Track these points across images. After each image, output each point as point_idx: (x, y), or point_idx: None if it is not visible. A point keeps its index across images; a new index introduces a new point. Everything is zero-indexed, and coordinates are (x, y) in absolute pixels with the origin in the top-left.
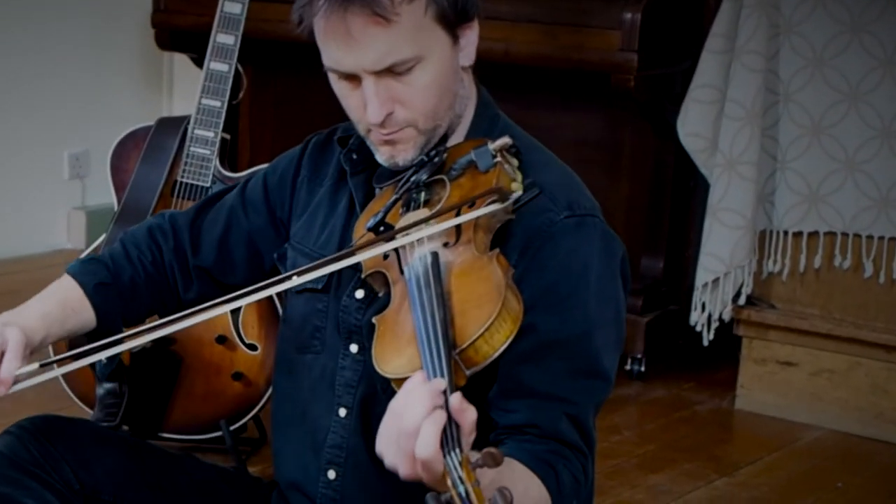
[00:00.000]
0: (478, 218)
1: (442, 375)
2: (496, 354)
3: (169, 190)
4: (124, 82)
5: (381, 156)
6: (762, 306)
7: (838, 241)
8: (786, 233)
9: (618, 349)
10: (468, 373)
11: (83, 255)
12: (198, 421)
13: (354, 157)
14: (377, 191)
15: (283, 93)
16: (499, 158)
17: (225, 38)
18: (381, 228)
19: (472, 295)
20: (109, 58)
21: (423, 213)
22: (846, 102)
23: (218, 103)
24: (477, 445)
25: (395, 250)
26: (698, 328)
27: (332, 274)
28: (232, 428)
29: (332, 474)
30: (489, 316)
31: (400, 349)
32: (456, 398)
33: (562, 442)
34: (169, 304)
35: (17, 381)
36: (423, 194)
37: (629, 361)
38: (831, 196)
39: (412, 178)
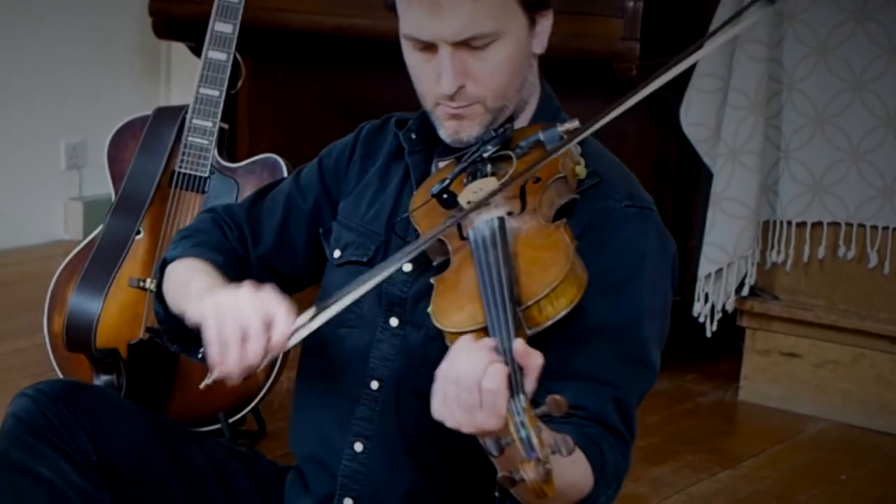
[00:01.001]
0: (548, 178)
1: (506, 328)
2: (559, 316)
3: (167, 180)
4: (121, 71)
5: (446, 131)
6: (765, 297)
7: (842, 231)
8: (789, 223)
9: (662, 343)
10: (529, 333)
11: (79, 246)
12: (196, 413)
13: (413, 136)
14: (434, 168)
15: (282, 82)
16: (566, 140)
17: (223, 27)
18: (445, 196)
19: (538, 258)
20: (106, 47)
21: (491, 180)
22: (850, 91)
23: (216, 92)
24: None
25: (458, 222)
26: (701, 319)
27: (378, 246)
28: (231, 420)
29: (359, 447)
30: (556, 277)
31: (462, 305)
32: (519, 342)
33: (606, 426)
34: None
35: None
36: (488, 167)
37: None
38: (835, 186)
39: (478, 150)
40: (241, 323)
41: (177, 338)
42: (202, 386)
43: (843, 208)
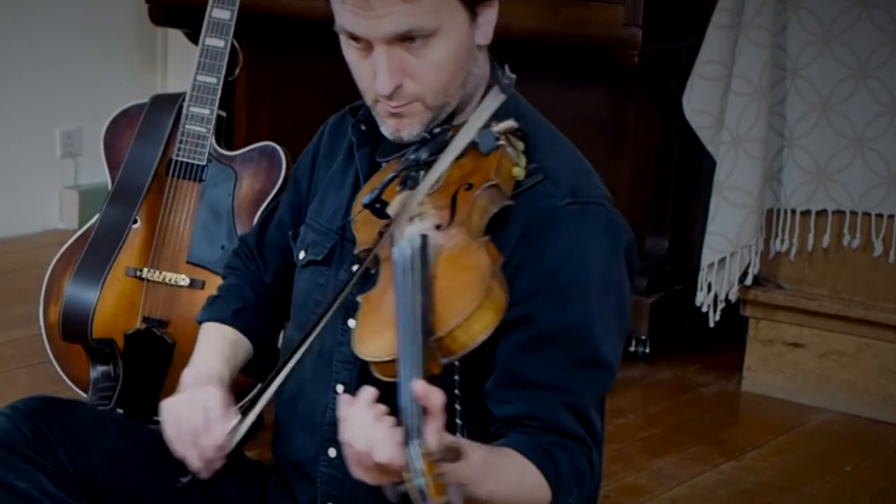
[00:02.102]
0: (479, 187)
1: (414, 366)
2: (475, 344)
3: (164, 168)
4: (117, 58)
5: (387, 128)
6: (769, 286)
7: (847, 219)
8: (793, 211)
9: (621, 338)
10: (444, 362)
11: (76, 235)
12: None
13: (363, 128)
14: (383, 165)
15: (280, 69)
16: (502, 141)
17: (221, 13)
18: (378, 206)
19: (455, 282)
20: (102, 33)
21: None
22: (855, 78)
23: (214, 80)
24: (478, 438)
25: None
26: (704, 309)
27: (334, 245)
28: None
29: (332, 452)
30: (470, 304)
31: (380, 331)
32: (419, 385)
33: (562, 433)
34: (283, 309)
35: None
36: (421, 173)
37: (633, 343)
38: (840, 174)
39: (412, 157)
40: (188, 425)
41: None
42: (179, 484)
43: (847, 196)
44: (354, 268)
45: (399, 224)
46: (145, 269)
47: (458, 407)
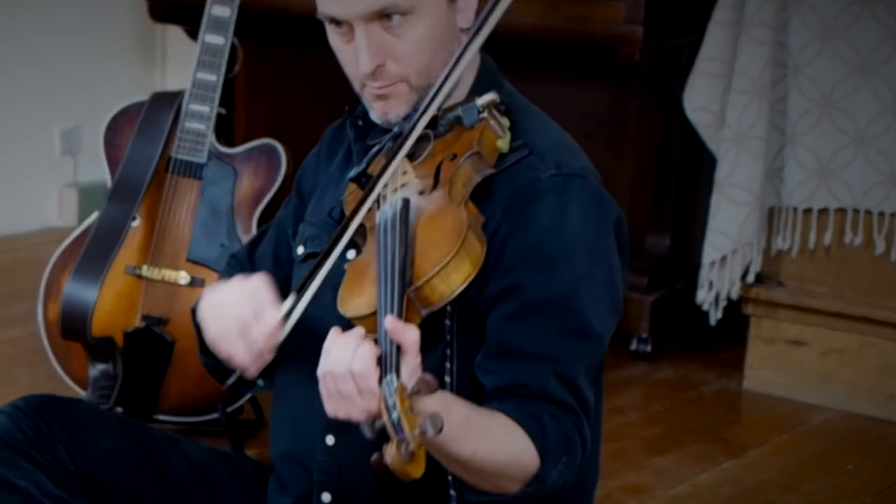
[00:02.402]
0: (462, 155)
1: (392, 310)
2: (453, 294)
3: (163, 166)
4: (117, 56)
5: (375, 112)
6: (771, 284)
7: (849, 217)
8: (795, 209)
9: (612, 312)
10: (424, 312)
11: (75, 233)
12: (194, 402)
13: (360, 123)
14: (375, 148)
15: (280, 66)
16: (485, 115)
17: (220, 10)
18: (363, 179)
19: (434, 236)
20: (101, 30)
21: (404, 164)
22: (857, 76)
23: (213, 77)
24: None
25: (377, 203)
26: (705, 307)
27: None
28: (228, 410)
29: (330, 440)
30: (446, 254)
31: (362, 289)
32: (389, 320)
33: (551, 401)
34: None
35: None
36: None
37: (634, 341)
38: (842, 171)
39: (396, 130)
40: (236, 314)
41: (225, 377)
42: (225, 386)
43: (849, 194)
44: (350, 254)
45: (384, 192)
46: (145, 267)
47: (447, 379)
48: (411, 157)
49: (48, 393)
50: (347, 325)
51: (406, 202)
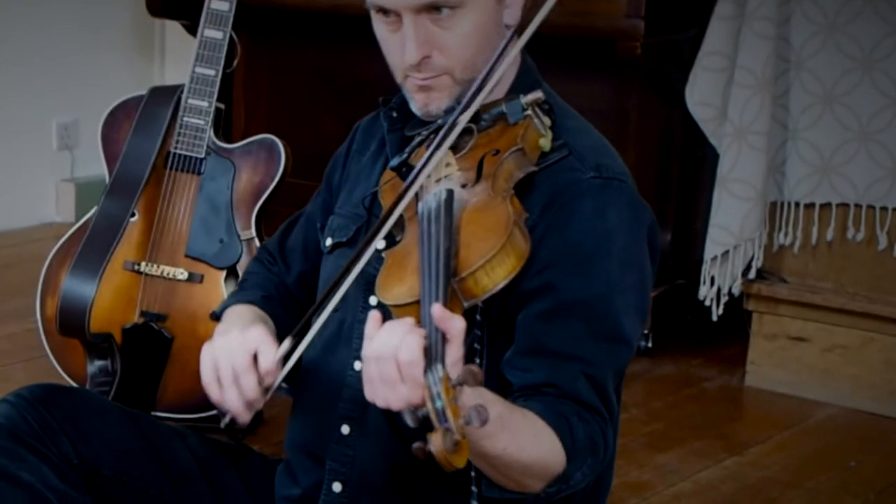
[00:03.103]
0: (506, 151)
1: (437, 299)
2: (496, 288)
3: (162, 161)
4: (115, 50)
5: (416, 103)
6: (773, 280)
7: (851, 212)
8: (797, 204)
9: (640, 317)
10: (466, 304)
11: (73, 228)
12: (192, 399)
13: (394, 114)
14: (414, 140)
15: (279, 61)
16: (529, 112)
17: (219, 4)
18: (404, 169)
19: (479, 229)
20: (99, 24)
21: (448, 154)
22: (859, 70)
23: (212, 72)
24: None
25: (416, 194)
26: (707, 303)
27: (360, 227)
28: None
29: (345, 429)
30: (493, 247)
31: (403, 278)
32: (437, 308)
33: (580, 402)
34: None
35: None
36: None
37: None
38: (844, 166)
39: (439, 123)
40: (230, 361)
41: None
42: (222, 425)
43: (852, 189)
44: (380, 244)
45: (420, 183)
46: (143, 263)
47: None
48: (454, 149)
49: (53, 382)
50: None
51: (450, 193)
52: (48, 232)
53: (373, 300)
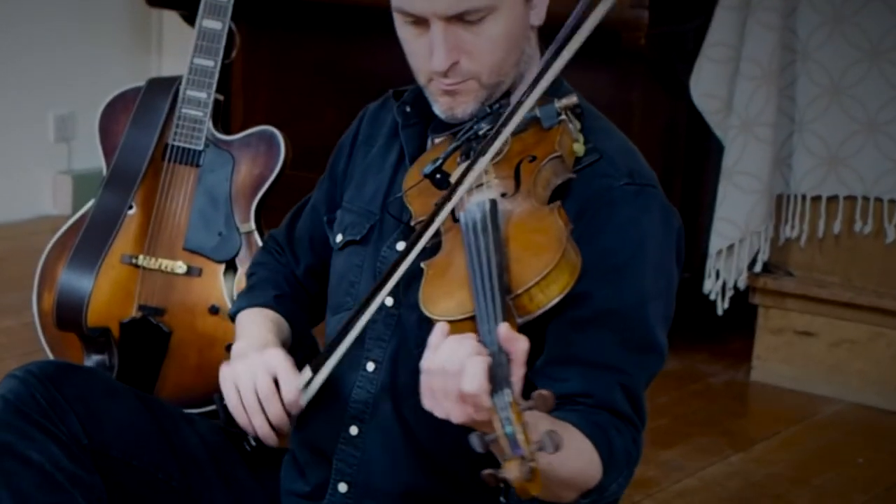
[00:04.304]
0: (544, 158)
1: (494, 318)
2: (550, 304)
3: (160, 153)
4: (111, 40)
5: (440, 107)
6: (779, 274)
7: (859, 205)
8: (804, 197)
9: (668, 324)
10: (520, 321)
11: (70, 221)
12: (190, 394)
13: (408, 109)
14: (429, 143)
15: (279, 51)
16: (563, 117)
17: None
18: (438, 176)
19: (530, 243)
20: (96, 15)
21: (483, 160)
22: (867, 61)
23: (211, 63)
24: None
25: (450, 199)
26: (712, 297)
27: (373, 225)
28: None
29: (354, 430)
30: (547, 264)
31: (451, 292)
32: (504, 326)
33: (615, 412)
34: (315, 306)
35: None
36: (482, 146)
37: None
38: (851, 159)
39: (473, 128)
40: (252, 389)
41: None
42: (248, 447)
43: (859, 182)
44: (400, 245)
45: (463, 193)
46: (141, 256)
47: None
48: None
49: (62, 360)
50: (386, 321)
51: (494, 203)
52: (45, 225)
53: (388, 301)
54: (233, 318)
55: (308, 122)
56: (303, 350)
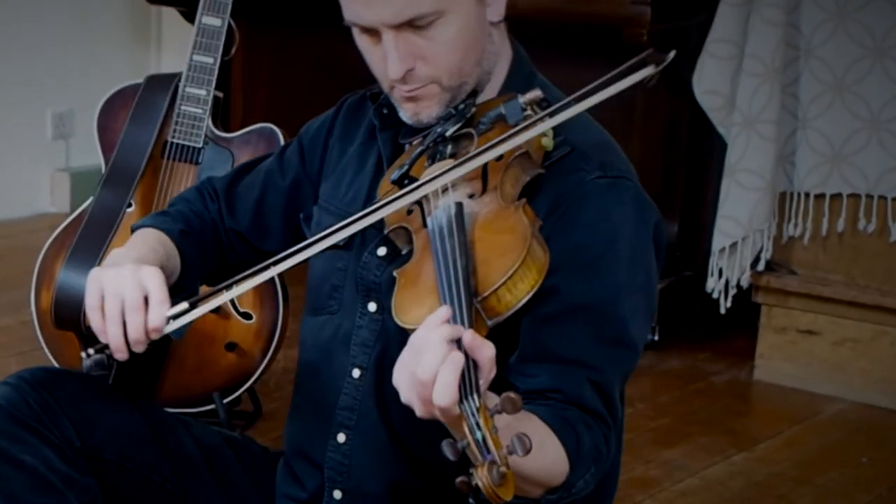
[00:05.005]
0: (510, 156)
1: (462, 323)
2: (519, 304)
3: (159, 151)
4: (110, 37)
5: (405, 113)
6: (782, 272)
7: (862, 203)
8: (807, 195)
9: (647, 319)
10: (490, 323)
11: (68, 219)
12: (190, 393)
13: (385, 111)
14: (406, 147)
15: (278, 48)
16: (529, 112)
17: None
18: (406, 182)
19: (495, 244)
20: (94, 11)
21: (449, 163)
22: (870, 58)
23: (210, 60)
24: None
25: (419, 204)
26: (715, 295)
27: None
28: (226, 401)
29: (341, 437)
30: (513, 264)
31: (420, 299)
32: (468, 334)
33: (584, 409)
34: (220, 265)
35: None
36: (449, 147)
37: None
38: (855, 156)
39: (438, 130)
40: (118, 297)
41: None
42: (85, 356)
43: (863, 179)
44: (381, 250)
45: (430, 194)
46: None
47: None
48: (454, 156)
49: (55, 366)
50: (370, 326)
51: (460, 206)
52: (43, 222)
53: (371, 307)
54: (133, 231)
55: (307, 119)
56: (179, 295)
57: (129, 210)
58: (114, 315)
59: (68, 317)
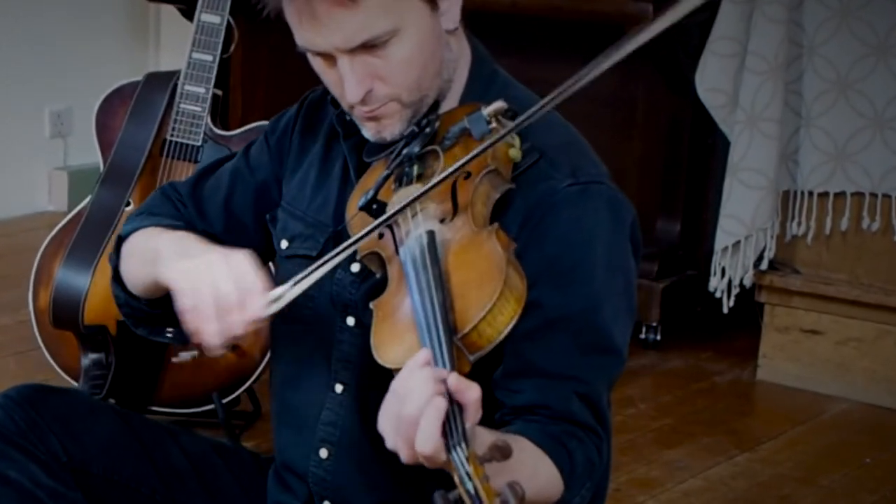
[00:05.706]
0: (478, 173)
1: (444, 364)
2: (501, 338)
3: (158, 149)
4: (108, 35)
5: (368, 131)
6: (785, 271)
7: (866, 201)
8: (811, 193)
9: (630, 321)
10: (472, 359)
11: (66, 218)
12: (189, 394)
13: (348, 118)
14: (372, 164)
15: (277, 46)
16: (494, 124)
17: None
18: (374, 207)
19: (471, 275)
20: (93, 9)
21: (416, 188)
22: (874, 56)
23: (209, 57)
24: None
25: (390, 227)
26: (718, 294)
27: (327, 241)
28: (225, 401)
29: (324, 453)
30: (490, 297)
31: (399, 335)
32: (453, 378)
33: (574, 423)
34: None
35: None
36: (415, 168)
37: (644, 330)
38: (859, 154)
39: (404, 151)
40: (217, 292)
41: (141, 322)
42: (175, 360)
43: (866, 178)
44: (355, 267)
45: (400, 221)
46: None
47: None
48: (421, 176)
49: (41, 383)
50: (351, 341)
51: (431, 235)
52: (41, 221)
53: (350, 321)
54: (122, 238)
55: None
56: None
57: (128, 209)
58: (211, 314)
59: (66, 316)
